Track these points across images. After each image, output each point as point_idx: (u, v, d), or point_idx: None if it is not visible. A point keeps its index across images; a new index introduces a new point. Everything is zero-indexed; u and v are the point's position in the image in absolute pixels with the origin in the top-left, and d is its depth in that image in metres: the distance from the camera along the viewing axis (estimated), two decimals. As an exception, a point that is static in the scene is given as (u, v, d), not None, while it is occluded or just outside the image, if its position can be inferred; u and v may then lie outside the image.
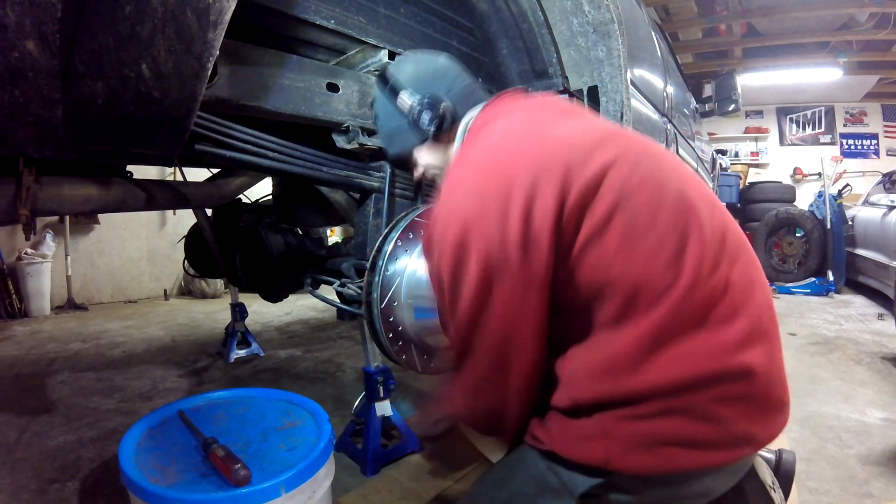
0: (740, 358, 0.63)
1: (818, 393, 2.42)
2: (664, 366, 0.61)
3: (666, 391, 0.61)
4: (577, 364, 0.66)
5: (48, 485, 1.59)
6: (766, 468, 0.77)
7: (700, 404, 0.61)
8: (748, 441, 0.65)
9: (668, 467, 0.62)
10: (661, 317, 0.62)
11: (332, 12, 1.09)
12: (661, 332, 0.62)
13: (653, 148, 0.75)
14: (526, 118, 0.77)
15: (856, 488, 1.61)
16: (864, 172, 7.21)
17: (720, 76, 4.11)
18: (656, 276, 0.63)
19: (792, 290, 5.09)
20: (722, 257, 0.67)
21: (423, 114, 0.86)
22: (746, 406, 0.63)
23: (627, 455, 0.62)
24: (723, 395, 0.62)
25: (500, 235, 0.63)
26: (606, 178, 0.65)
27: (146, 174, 1.62)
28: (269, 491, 0.97)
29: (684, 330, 0.62)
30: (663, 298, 0.62)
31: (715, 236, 0.68)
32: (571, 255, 0.64)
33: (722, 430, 0.62)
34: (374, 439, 1.71)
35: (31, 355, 3.01)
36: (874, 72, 6.57)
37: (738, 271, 0.68)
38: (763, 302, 0.69)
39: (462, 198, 0.68)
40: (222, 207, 2.11)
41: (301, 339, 3.44)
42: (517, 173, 0.65)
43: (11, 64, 0.57)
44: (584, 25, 1.40)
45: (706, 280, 0.64)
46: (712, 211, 0.71)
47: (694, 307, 0.63)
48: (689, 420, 0.61)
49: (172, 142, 0.80)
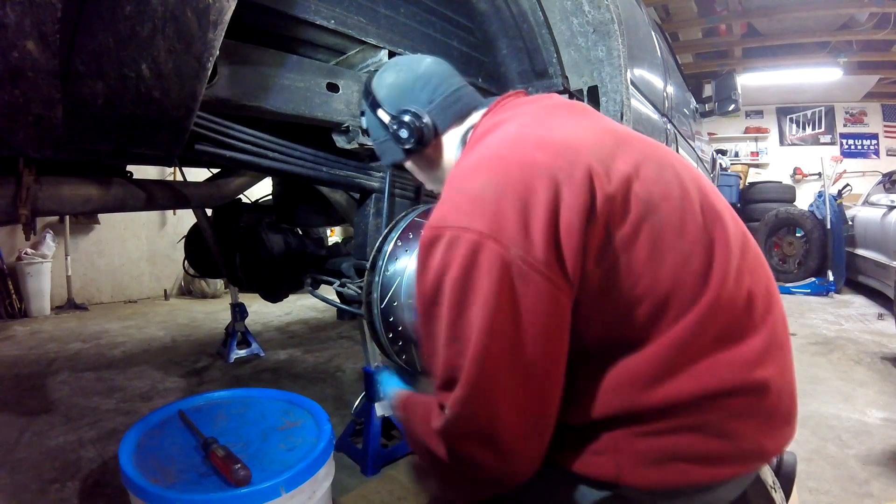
0: (759, 373, 0.62)
1: (818, 393, 2.42)
2: (684, 380, 0.60)
3: (683, 405, 0.60)
4: (592, 379, 0.63)
5: (48, 485, 1.59)
6: (767, 469, 0.77)
7: (715, 420, 0.60)
8: (759, 455, 0.64)
9: (678, 482, 0.61)
10: (686, 330, 0.60)
11: (332, 12, 1.08)
12: (685, 347, 0.60)
13: (668, 154, 0.72)
14: (536, 119, 0.72)
15: (856, 488, 1.61)
16: (864, 172, 7.21)
17: (720, 76, 4.11)
18: (683, 289, 0.61)
19: (792, 290, 5.09)
20: (744, 268, 0.65)
21: (400, 130, 0.83)
22: (759, 420, 0.63)
23: (638, 470, 0.60)
24: (738, 410, 0.61)
25: (522, 236, 0.56)
26: (632, 189, 0.61)
27: (146, 174, 1.62)
28: (269, 491, 0.97)
29: (707, 343, 0.61)
30: (688, 312, 0.60)
31: (738, 246, 0.66)
32: (599, 266, 0.60)
33: (734, 445, 0.61)
34: (374, 439, 1.71)
35: (31, 355, 3.01)
36: (874, 72, 6.57)
37: (759, 282, 0.66)
38: (780, 313, 0.68)
39: (471, 201, 0.60)
40: (222, 207, 2.11)
41: (301, 339, 3.44)
42: (536, 172, 0.59)
43: (11, 64, 0.57)
44: (585, 25, 1.40)
45: (731, 292, 0.62)
46: (735, 220, 0.69)
47: (718, 320, 0.61)
48: (702, 436, 0.60)
49: (172, 142, 0.80)
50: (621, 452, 0.61)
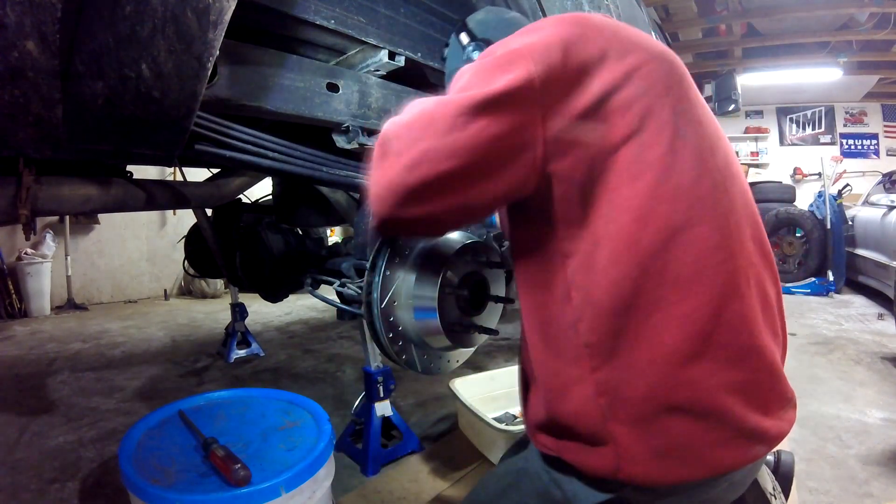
0: (758, 340, 0.62)
1: (818, 393, 2.42)
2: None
3: (675, 363, 0.59)
4: (589, 368, 0.62)
5: (48, 485, 1.59)
6: (767, 474, 0.77)
7: (707, 394, 0.59)
8: (759, 437, 0.62)
9: (679, 474, 0.60)
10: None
11: (332, 12, 1.09)
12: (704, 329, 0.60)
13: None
14: None
15: (856, 488, 1.61)
16: (864, 172, 7.20)
17: (720, 76, 4.11)
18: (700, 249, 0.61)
19: (792, 290, 5.09)
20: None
21: (474, 52, 0.92)
22: (755, 398, 0.62)
23: (637, 463, 0.59)
24: (731, 382, 0.60)
25: (561, 62, 0.58)
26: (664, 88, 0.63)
27: (146, 174, 1.62)
28: (269, 491, 0.96)
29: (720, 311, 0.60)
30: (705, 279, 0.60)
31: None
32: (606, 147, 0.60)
33: (731, 426, 0.60)
34: (374, 439, 1.71)
35: (31, 355, 3.01)
36: (874, 72, 6.56)
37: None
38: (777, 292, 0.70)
39: (518, 36, 0.64)
40: (222, 207, 2.11)
41: (301, 339, 3.45)
42: (585, 33, 0.62)
43: (11, 64, 0.57)
44: (584, 25, 1.40)
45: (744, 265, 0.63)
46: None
47: (730, 287, 0.62)
48: (697, 419, 0.59)
49: (172, 142, 0.80)
50: (619, 444, 0.60)
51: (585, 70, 0.60)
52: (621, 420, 0.60)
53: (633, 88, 0.61)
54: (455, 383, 1.87)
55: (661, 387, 0.59)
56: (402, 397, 2.33)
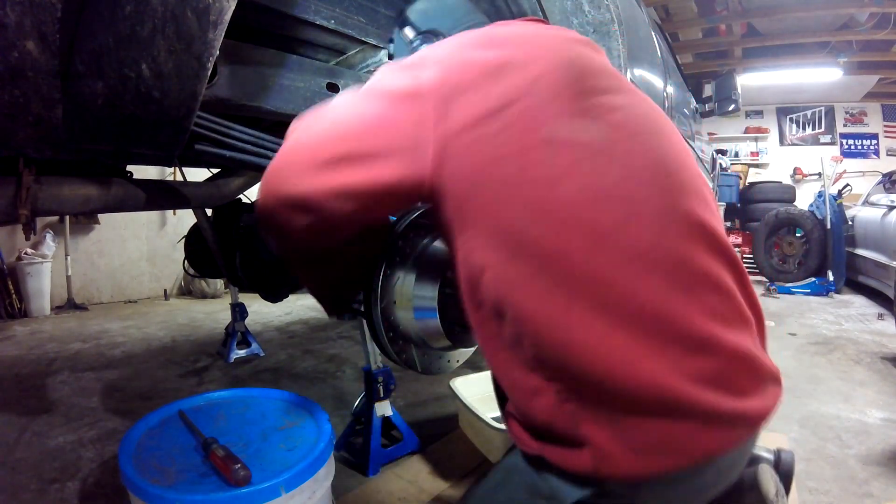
0: (714, 329, 0.60)
1: (818, 393, 2.42)
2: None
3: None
4: (554, 368, 0.61)
5: (48, 485, 1.59)
6: (771, 475, 0.75)
7: (670, 388, 0.57)
8: (738, 420, 0.61)
9: (660, 465, 0.58)
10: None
11: (332, 12, 1.09)
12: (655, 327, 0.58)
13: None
14: None
15: (856, 488, 1.61)
16: (864, 172, 7.21)
17: (720, 76, 4.11)
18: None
19: (792, 290, 5.09)
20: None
21: (420, 46, 0.89)
22: (725, 383, 0.60)
23: (616, 460, 0.58)
24: (694, 372, 0.58)
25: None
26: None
27: (146, 174, 1.62)
28: (269, 491, 0.97)
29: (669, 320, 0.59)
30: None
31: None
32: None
33: (705, 415, 0.58)
34: (375, 439, 1.71)
35: (31, 355, 3.01)
36: (874, 72, 6.57)
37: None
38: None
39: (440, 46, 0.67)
40: (222, 207, 2.11)
41: (301, 339, 3.44)
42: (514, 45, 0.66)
43: (11, 64, 0.57)
44: (585, 25, 1.40)
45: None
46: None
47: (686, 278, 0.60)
48: (667, 412, 0.58)
49: (172, 142, 0.80)
50: (595, 443, 0.59)
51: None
52: (592, 422, 0.59)
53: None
54: (455, 383, 1.87)
55: (623, 388, 0.58)
56: (402, 397, 2.33)
